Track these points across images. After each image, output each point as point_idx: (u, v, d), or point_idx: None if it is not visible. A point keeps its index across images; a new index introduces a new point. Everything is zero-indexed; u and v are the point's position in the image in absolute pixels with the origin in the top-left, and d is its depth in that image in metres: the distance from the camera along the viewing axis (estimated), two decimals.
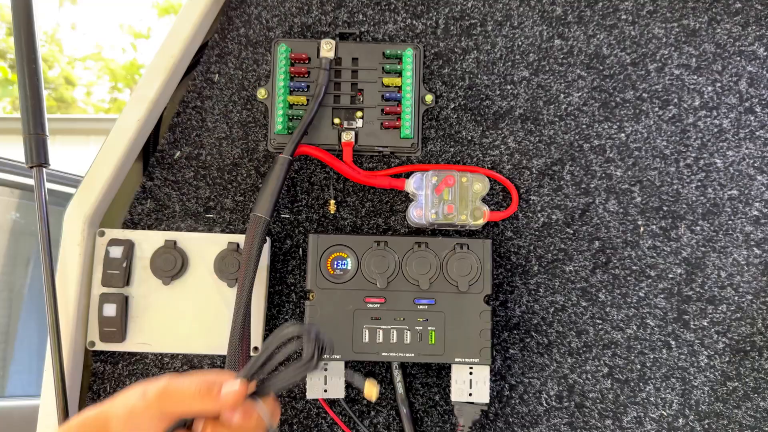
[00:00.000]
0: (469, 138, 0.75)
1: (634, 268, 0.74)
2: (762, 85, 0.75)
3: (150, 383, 0.48)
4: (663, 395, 0.72)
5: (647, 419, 0.72)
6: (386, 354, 0.69)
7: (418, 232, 0.75)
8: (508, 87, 0.76)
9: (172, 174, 0.76)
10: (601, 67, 0.76)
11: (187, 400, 0.46)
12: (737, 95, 0.75)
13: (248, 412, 0.47)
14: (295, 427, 0.73)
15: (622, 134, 0.75)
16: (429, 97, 0.75)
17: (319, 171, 0.75)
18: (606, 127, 0.75)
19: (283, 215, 0.75)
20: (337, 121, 0.74)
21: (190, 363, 0.74)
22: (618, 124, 0.75)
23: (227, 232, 0.75)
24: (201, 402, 0.46)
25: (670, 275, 0.73)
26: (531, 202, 0.75)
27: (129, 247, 0.71)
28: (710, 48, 0.75)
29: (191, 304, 0.72)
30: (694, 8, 0.76)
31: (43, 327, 0.66)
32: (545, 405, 0.73)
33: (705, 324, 0.73)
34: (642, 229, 0.74)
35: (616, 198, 0.74)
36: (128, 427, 0.47)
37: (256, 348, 0.71)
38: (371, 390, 0.50)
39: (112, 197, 0.74)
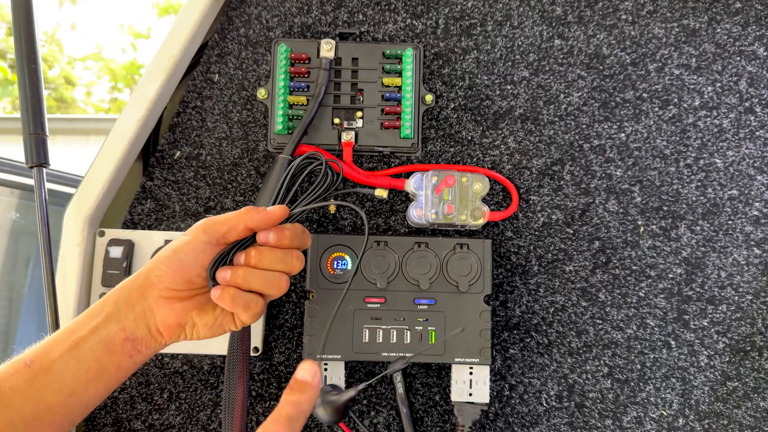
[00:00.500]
0: (469, 138, 0.75)
1: (634, 268, 0.74)
2: (762, 85, 0.75)
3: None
4: (663, 395, 0.72)
5: (647, 419, 0.72)
6: (386, 354, 0.69)
7: (418, 232, 0.75)
8: (508, 87, 0.76)
9: (172, 174, 0.76)
10: (601, 67, 0.75)
11: (233, 219, 0.51)
12: (737, 95, 0.75)
13: (280, 230, 0.53)
14: None
15: (622, 134, 0.75)
16: (429, 97, 0.75)
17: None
18: (606, 127, 0.75)
19: None
20: (337, 121, 0.74)
21: (190, 363, 0.74)
22: (618, 124, 0.75)
23: None
24: (248, 215, 0.51)
25: (670, 275, 0.73)
26: (531, 202, 0.75)
27: (129, 247, 0.71)
28: (710, 48, 0.75)
29: None
30: (694, 8, 0.76)
31: (43, 327, 0.66)
32: (545, 405, 0.73)
33: (705, 324, 0.73)
34: (642, 229, 0.74)
35: (616, 198, 0.74)
36: (171, 266, 0.50)
37: (256, 348, 0.71)
38: (382, 192, 0.58)
39: (112, 197, 0.74)
